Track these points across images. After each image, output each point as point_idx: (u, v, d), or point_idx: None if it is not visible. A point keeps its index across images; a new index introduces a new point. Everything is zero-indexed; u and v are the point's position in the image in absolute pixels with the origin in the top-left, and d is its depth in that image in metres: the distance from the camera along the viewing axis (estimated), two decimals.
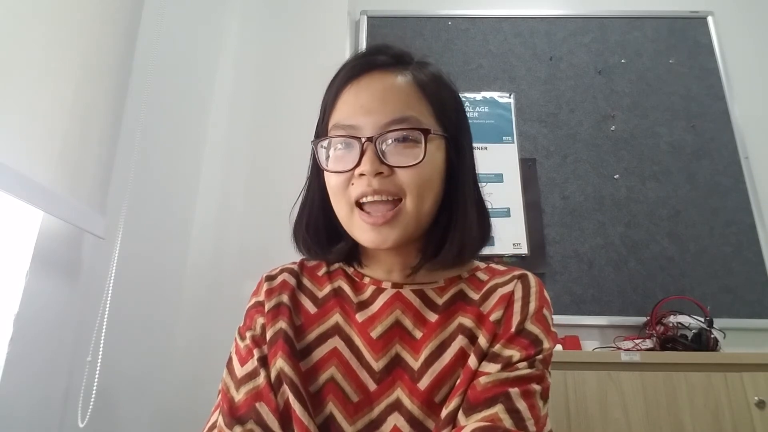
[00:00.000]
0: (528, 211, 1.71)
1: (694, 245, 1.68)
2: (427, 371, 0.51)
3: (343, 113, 0.54)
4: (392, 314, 0.55)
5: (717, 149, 1.79)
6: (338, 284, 0.60)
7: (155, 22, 1.16)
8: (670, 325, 1.41)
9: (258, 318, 0.57)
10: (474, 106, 1.85)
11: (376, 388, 0.51)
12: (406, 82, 0.55)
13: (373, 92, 0.53)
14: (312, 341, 0.54)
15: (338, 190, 0.54)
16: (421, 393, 0.49)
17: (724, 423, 1.16)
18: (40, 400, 0.82)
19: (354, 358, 0.53)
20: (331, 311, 0.57)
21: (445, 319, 0.55)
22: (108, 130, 0.98)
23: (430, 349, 0.52)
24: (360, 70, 0.55)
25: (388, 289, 0.58)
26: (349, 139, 0.52)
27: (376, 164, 0.51)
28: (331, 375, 0.51)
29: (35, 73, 0.75)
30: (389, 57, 0.56)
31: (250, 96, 1.67)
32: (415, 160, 0.51)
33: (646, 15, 1.98)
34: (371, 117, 0.52)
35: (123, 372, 1.07)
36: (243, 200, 1.53)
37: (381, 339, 0.54)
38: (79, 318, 0.91)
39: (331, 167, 0.54)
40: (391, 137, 0.52)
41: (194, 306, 1.41)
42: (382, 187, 0.51)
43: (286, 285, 0.59)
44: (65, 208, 0.81)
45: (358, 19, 1.98)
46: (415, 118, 0.53)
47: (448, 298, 0.57)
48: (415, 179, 0.52)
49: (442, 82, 0.59)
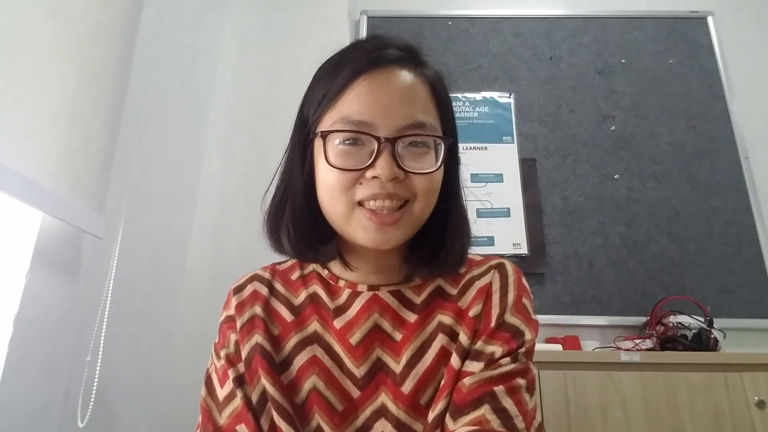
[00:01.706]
0: (528, 211, 1.71)
1: (694, 245, 1.68)
2: (410, 374, 0.50)
3: (356, 107, 0.49)
4: (370, 318, 0.54)
5: (717, 149, 1.79)
6: (313, 289, 0.58)
7: (155, 22, 1.16)
8: (670, 325, 1.41)
9: (231, 334, 0.55)
10: (474, 106, 1.85)
11: (360, 395, 0.50)
12: (422, 82, 0.53)
13: (391, 90, 0.50)
14: (291, 350, 0.53)
15: (339, 188, 0.49)
16: (406, 397, 0.49)
17: (724, 423, 1.16)
18: (40, 400, 0.82)
19: (335, 366, 0.52)
20: (308, 319, 0.55)
21: (424, 318, 0.54)
22: (108, 130, 0.98)
23: (411, 351, 0.51)
24: (376, 62, 0.51)
25: (364, 292, 0.56)
26: (365, 136, 0.49)
27: (394, 169, 0.48)
28: (313, 384, 0.50)
29: (35, 73, 0.75)
30: (400, 51, 0.54)
31: (249, 96, 1.67)
32: (431, 167, 0.50)
33: (646, 15, 1.98)
34: (389, 117, 0.49)
35: (123, 372, 1.07)
36: (243, 200, 1.53)
37: (361, 345, 0.53)
38: (79, 318, 0.91)
39: (337, 163, 0.49)
40: (407, 140, 0.50)
41: (194, 306, 1.41)
42: (396, 191, 0.49)
43: (258, 295, 0.57)
44: (65, 208, 0.81)
45: (358, 19, 1.98)
46: (431, 123, 0.51)
47: (426, 296, 0.56)
48: (427, 185, 0.51)
49: (445, 85, 0.57)
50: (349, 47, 0.55)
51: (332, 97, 0.51)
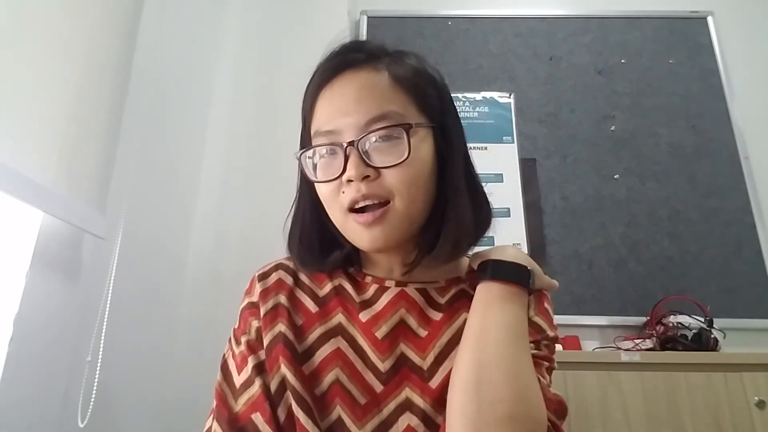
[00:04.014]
0: (528, 211, 1.71)
1: (694, 245, 1.68)
2: (438, 369, 0.51)
3: (321, 119, 0.53)
4: (397, 313, 0.55)
5: (717, 149, 1.79)
6: (339, 282, 0.59)
7: (155, 22, 1.16)
8: (670, 325, 1.41)
9: (252, 321, 0.55)
10: (474, 106, 1.85)
11: (383, 389, 0.50)
12: (381, 77, 0.53)
13: (347, 93, 0.52)
14: (314, 342, 0.53)
15: (330, 198, 0.53)
16: (433, 391, 0.50)
17: (724, 423, 1.16)
18: (40, 400, 0.82)
19: (359, 360, 0.52)
20: (333, 310, 0.56)
21: (449, 316, 0.55)
22: (108, 130, 0.98)
23: (439, 347, 0.52)
24: (332, 72, 0.53)
25: (392, 288, 0.57)
26: (331, 146, 0.51)
27: (362, 168, 0.50)
28: (336, 377, 0.50)
29: (35, 73, 0.75)
30: (361, 54, 0.54)
31: (249, 96, 1.67)
32: (399, 158, 0.50)
33: (646, 15, 1.98)
34: (348, 119, 0.51)
35: (123, 372, 1.07)
36: (243, 200, 1.53)
37: (386, 339, 0.53)
38: (79, 318, 0.91)
39: (319, 176, 0.53)
40: (372, 137, 0.50)
41: (194, 306, 1.41)
42: (370, 191, 0.50)
43: (283, 284, 0.57)
44: (65, 208, 0.81)
45: (358, 19, 1.98)
46: (394, 112, 0.51)
47: (450, 296, 0.57)
48: (403, 179, 0.50)
49: (421, 71, 0.56)
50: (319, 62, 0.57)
51: (309, 117, 0.55)
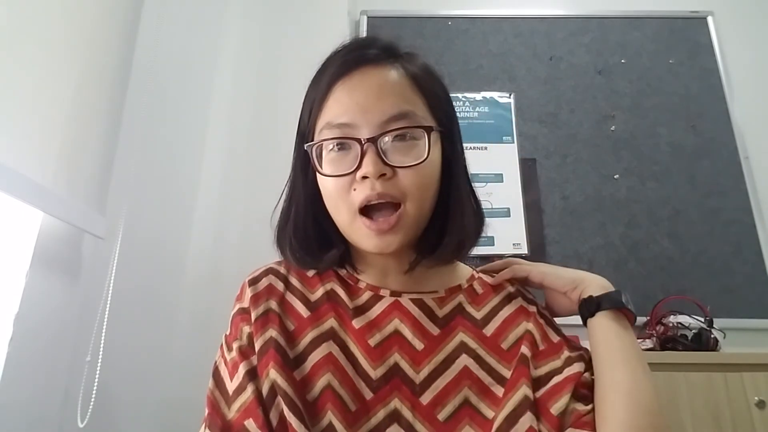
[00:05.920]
0: (528, 211, 1.71)
1: (694, 245, 1.68)
2: (430, 386, 0.50)
3: (336, 111, 0.51)
4: (391, 323, 0.54)
5: (717, 149, 1.79)
6: (331, 287, 0.58)
7: (155, 22, 1.16)
8: (670, 325, 1.41)
9: (244, 327, 0.54)
10: (474, 106, 1.85)
11: (373, 397, 0.50)
12: (400, 75, 0.53)
13: (368, 88, 0.51)
14: (306, 347, 0.52)
15: (338, 195, 0.51)
16: (424, 407, 0.49)
17: (724, 423, 1.16)
18: (40, 400, 0.82)
19: (350, 366, 0.51)
20: (325, 315, 0.55)
21: (447, 333, 0.54)
22: (108, 130, 0.98)
23: (434, 363, 0.52)
24: (352, 65, 0.52)
25: (386, 297, 0.56)
26: (347, 141, 0.50)
27: (380, 165, 0.49)
28: (328, 382, 0.49)
29: (35, 73, 0.75)
30: (379, 50, 0.54)
31: (249, 96, 1.67)
32: (417, 159, 0.50)
33: (646, 15, 1.98)
34: (368, 115, 0.50)
35: (123, 372, 1.07)
36: (243, 200, 1.53)
37: (379, 347, 0.52)
38: (79, 318, 0.91)
39: (328, 171, 0.51)
40: (389, 136, 0.50)
41: (194, 306, 1.41)
42: (385, 190, 0.49)
43: (273, 290, 0.57)
44: (65, 208, 0.81)
45: (358, 19, 1.98)
46: (413, 113, 0.51)
47: (448, 311, 0.57)
48: (416, 181, 0.50)
49: (433, 74, 0.57)
50: (330, 55, 0.56)
51: (317, 107, 0.53)
